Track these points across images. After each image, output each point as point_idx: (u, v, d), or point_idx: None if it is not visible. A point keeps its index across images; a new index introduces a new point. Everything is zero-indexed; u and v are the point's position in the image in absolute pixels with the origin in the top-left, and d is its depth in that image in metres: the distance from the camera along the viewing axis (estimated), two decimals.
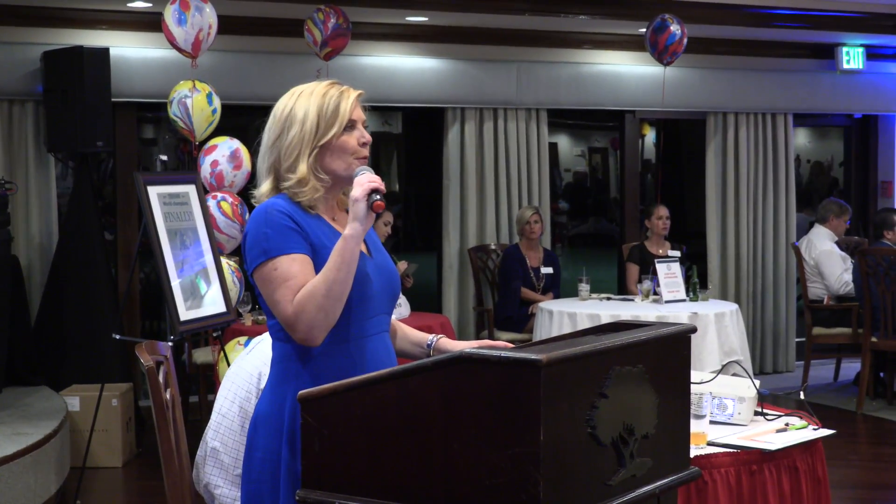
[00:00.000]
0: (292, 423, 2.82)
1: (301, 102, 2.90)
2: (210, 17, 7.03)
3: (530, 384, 2.26)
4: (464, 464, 2.34)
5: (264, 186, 2.95)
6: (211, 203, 7.05)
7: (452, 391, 2.36)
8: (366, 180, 2.83)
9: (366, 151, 2.94)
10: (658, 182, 9.83)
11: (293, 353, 2.86)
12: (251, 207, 3.01)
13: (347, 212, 3.03)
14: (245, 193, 6.62)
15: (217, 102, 7.16)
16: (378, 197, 2.81)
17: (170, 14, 6.96)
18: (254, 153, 3.01)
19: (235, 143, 7.25)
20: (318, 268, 2.83)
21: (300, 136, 2.88)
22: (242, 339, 6.75)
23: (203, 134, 7.16)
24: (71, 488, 6.42)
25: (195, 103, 7.03)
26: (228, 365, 6.07)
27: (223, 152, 7.19)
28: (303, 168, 2.88)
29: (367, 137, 2.95)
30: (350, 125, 2.91)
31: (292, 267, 2.81)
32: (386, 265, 3.01)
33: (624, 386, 2.49)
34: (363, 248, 2.91)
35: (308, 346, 2.82)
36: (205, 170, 7.16)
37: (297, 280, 2.79)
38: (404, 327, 3.22)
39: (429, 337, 3.17)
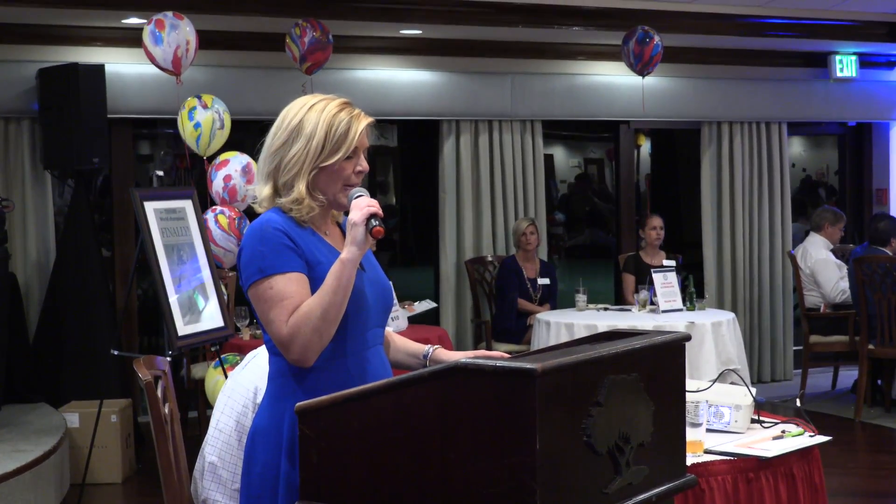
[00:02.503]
0: (291, 437, 2.82)
1: (311, 117, 2.88)
2: (188, 33, 7.06)
3: (525, 394, 2.28)
4: (460, 474, 2.35)
5: (265, 191, 2.94)
6: (209, 216, 7.07)
7: (448, 401, 2.37)
8: (364, 203, 2.82)
9: (358, 180, 2.93)
10: (650, 192, 9.85)
11: (290, 369, 2.86)
12: (252, 214, 3.01)
13: (338, 226, 3.04)
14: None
15: (200, 116, 7.16)
16: (376, 223, 2.79)
17: (147, 35, 7.01)
18: (257, 153, 2.99)
19: (246, 158, 7.30)
20: (313, 284, 2.83)
21: (304, 153, 2.86)
22: (238, 356, 6.75)
23: (207, 149, 7.20)
24: None
25: (181, 120, 7.12)
26: (226, 377, 6.07)
27: (235, 167, 7.23)
28: (301, 188, 2.87)
29: (365, 167, 2.94)
30: (353, 153, 2.91)
31: (288, 286, 2.80)
32: (379, 279, 3.02)
33: (619, 394, 2.50)
34: None
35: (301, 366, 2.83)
36: (217, 184, 7.18)
37: (293, 300, 2.79)
38: (399, 338, 3.23)
39: (425, 348, 3.17)
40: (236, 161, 7.26)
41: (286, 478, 2.83)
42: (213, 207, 7.16)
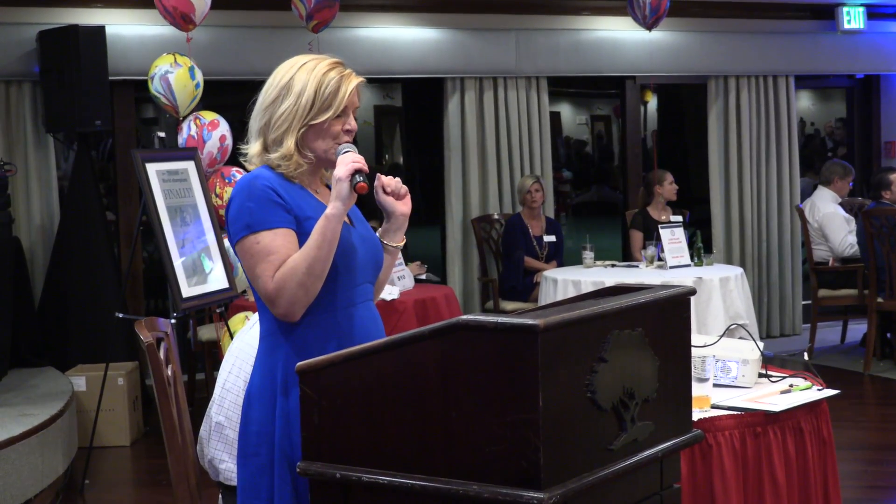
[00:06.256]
0: (285, 394, 2.84)
1: (301, 76, 2.90)
2: None
3: (528, 350, 2.25)
4: (463, 432, 2.33)
5: (254, 148, 2.97)
6: (234, 174, 7.12)
7: (450, 359, 2.35)
8: (349, 159, 2.85)
9: (348, 139, 2.95)
10: (657, 148, 9.79)
11: (279, 326, 2.88)
12: (239, 165, 3.02)
13: (328, 187, 3.04)
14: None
15: (200, 76, 7.14)
16: (360, 178, 2.82)
17: None
18: (248, 111, 3.02)
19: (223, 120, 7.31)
20: (302, 239, 2.84)
21: (293, 111, 2.89)
22: (250, 314, 6.73)
23: (187, 109, 7.15)
24: (79, 468, 6.43)
25: (177, 78, 7.04)
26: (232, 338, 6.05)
27: (228, 127, 7.21)
28: (289, 144, 2.90)
29: (354, 126, 2.97)
30: (343, 112, 2.92)
31: (274, 241, 2.82)
32: (369, 235, 3.03)
33: (623, 350, 2.47)
34: (346, 218, 2.91)
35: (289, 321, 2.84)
36: (212, 144, 7.15)
37: (279, 255, 2.81)
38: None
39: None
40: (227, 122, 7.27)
41: (280, 435, 2.84)
42: (229, 167, 7.19)
